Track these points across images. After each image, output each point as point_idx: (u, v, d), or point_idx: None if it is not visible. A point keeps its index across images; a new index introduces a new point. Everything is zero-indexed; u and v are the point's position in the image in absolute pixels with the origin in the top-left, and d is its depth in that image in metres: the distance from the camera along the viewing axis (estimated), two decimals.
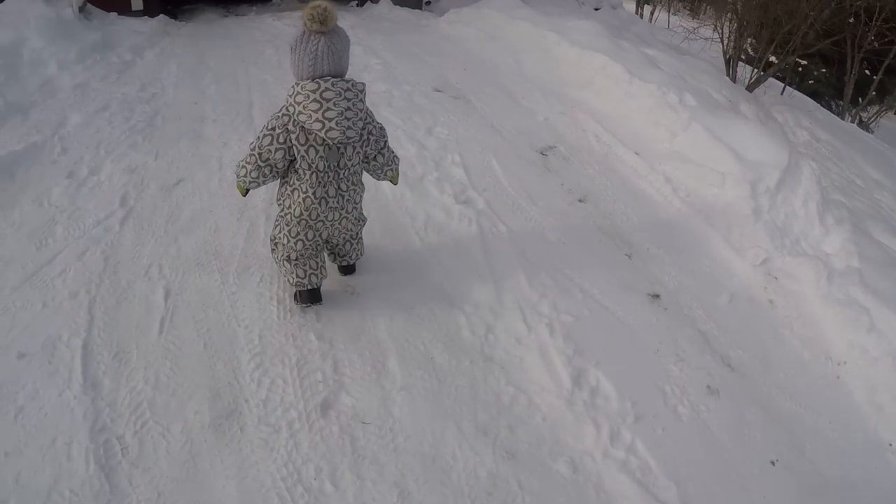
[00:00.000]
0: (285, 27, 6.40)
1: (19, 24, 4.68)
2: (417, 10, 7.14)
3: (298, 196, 2.08)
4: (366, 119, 2.04)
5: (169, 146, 3.61)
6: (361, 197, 2.26)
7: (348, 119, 1.91)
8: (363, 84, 2.00)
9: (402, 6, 7.17)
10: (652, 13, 14.43)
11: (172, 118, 4.01)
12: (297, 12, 6.95)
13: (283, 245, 2.21)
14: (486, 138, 3.82)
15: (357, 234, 2.40)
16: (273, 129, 1.96)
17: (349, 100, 1.91)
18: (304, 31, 1.89)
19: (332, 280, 2.49)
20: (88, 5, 5.82)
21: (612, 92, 4.22)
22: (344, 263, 2.50)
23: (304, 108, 1.89)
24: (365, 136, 2.08)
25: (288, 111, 1.94)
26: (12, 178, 3.24)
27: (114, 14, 5.93)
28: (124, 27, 5.69)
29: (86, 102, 4.16)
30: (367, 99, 2.04)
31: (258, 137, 2.00)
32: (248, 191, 2.17)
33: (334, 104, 1.88)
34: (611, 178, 3.50)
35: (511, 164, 3.51)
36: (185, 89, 4.55)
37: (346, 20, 6.55)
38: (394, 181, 2.36)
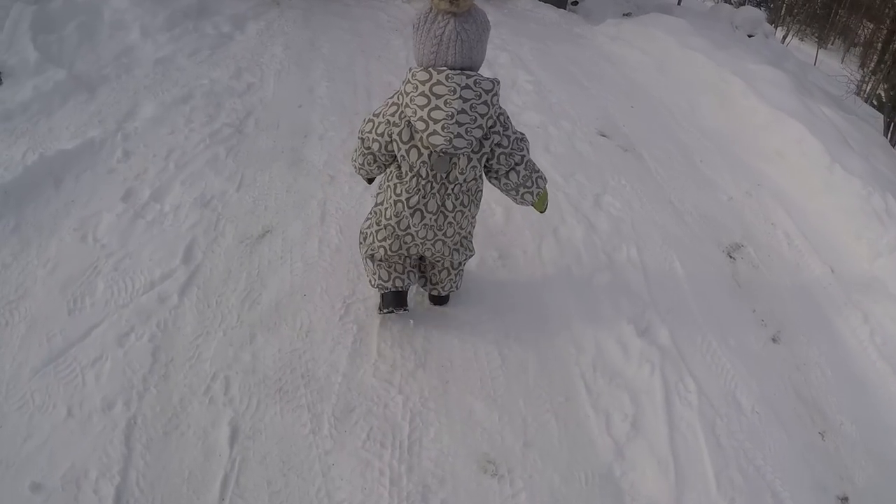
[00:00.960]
0: (415, 13, 5.48)
1: None
2: (564, 12, 6.19)
3: (391, 195, 1.83)
4: (491, 125, 1.68)
5: (258, 170, 2.85)
6: (472, 224, 1.96)
7: (460, 124, 1.60)
8: (493, 82, 1.64)
9: (546, 1, 6.21)
10: (784, 38, 13.19)
11: (268, 125, 3.25)
12: None
13: (369, 243, 1.99)
14: (666, 222, 2.94)
15: (457, 264, 2.08)
16: (378, 114, 1.74)
17: (466, 100, 1.59)
18: (431, 8, 1.61)
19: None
20: None
21: (807, 176, 3.37)
22: (434, 293, 2.17)
23: (411, 100, 1.62)
24: (488, 149, 1.72)
25: (398, 100, 1.68)
26: (58, 186, 2.58)
27: None
28: None
29: (165, 86, 3.47)
30: (502, 103, 1.72)
31: (364, 119, 1.78)
32: (370, 179, 1.97)
33: (445, 103, 1.59)
34: (804, 304, 2.69)
35: (697, 270, 2.67)
36: (288, 83, 3.78)
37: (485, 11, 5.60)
38: (539, 208, 1.94)
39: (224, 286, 2.18)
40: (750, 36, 6.96)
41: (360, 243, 2.05)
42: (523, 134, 1.80)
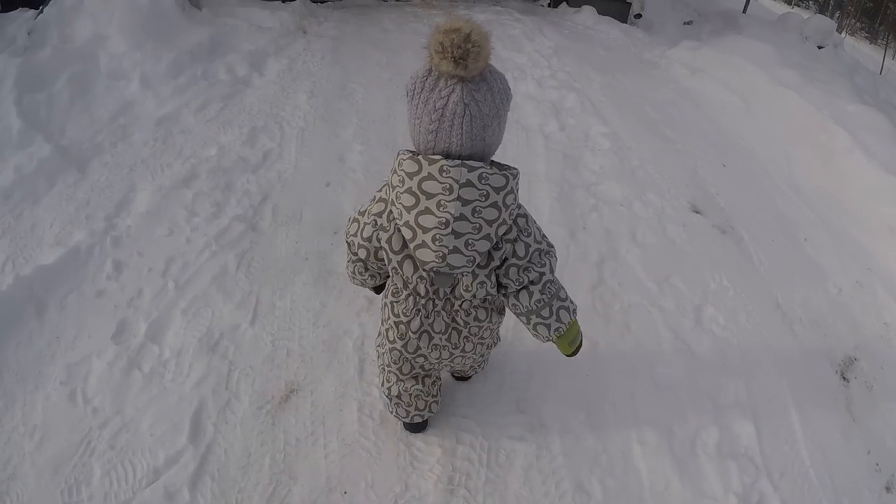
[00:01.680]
0: None
1: (101, 15, 3.48)
2: (628, 27, 5.61)
3: (390, 315, 1.55)
4: (504, 232, 1.32)
5: (277, 290, 2.38)
6: (495, 329, 1.63)
7: (458, 235, 1.25)
8: (507, 175, 1.25)
9: (605, 15, 5.59)
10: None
11: (288, 215, 2.78)
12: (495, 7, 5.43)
13: (381, 368, 1.73)
14: (775, 338, 2.44)
15: (483, 360, 1.85)
16: (364, 213, 1.42)
17: (468, 202, 1.22)
18: (431, 70, 1.21)
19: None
20: None
21: None
22: (457, 376, 2.01)
23: (397, 196, 1.27)
24: (498, 261, 1.36)
25: (385, 195, 1.35)
26: (40, 316, 2.19)
27: None
28: (245, 19, 4.48)
29: (165, 159, 3.03)
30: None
31: (350, 218, 1.49)
32: (377, 287, 1.68)
33: (438, 206, 1.22)
34: None
35: (811, 407, 2.20)
36: (314, 148, 3.30)
37: (542, 36, 5.02)
38: (564, 350, 1.53)
39: (244, 477, 1.73)
40: (820, 48, 6.38)
41: (377, 358, 1.78)
42: (551, 246, 1.43)
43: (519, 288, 1.40)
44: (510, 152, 3.28)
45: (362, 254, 1.44)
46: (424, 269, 1.35)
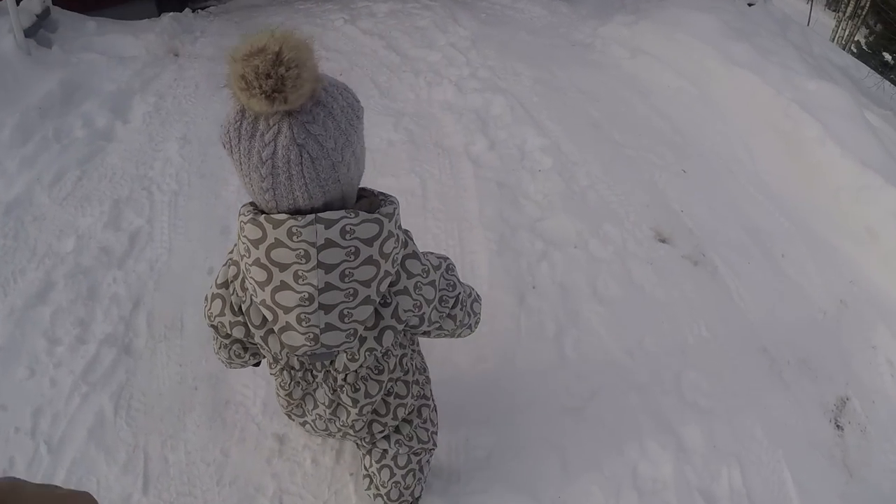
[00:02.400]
0: (368, 40, 4.34)
1: None
2: (548, 1, 5.09)
3: (273, 381, 1.41)
4: (387, 287, 1.10)
5: (166, 438, 1.91)
6: (410, 390, 1.40)
7: (329, 309, 1.05)
8: (378, 220, 1.03)
9: None
10: None
11: (166, 325, 2.29)
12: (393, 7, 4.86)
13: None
14: (766, 395, 2.15)
15: (402, 459, 1.46)
16: (224, 283, 1.17)
17: (333, 267, 1.01)
18: (243, 110, 0.96)
19: None
20: (52, 13, 3.87)
21: None
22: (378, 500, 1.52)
23: (247, 268, 1.05)
24: (392, 320, 1.15)
25: (237, 257, 1.13)
26: None
27: (91, 24, 3.96)
28: (104, 51, 3.85)
29: (16, 264, 2.49)
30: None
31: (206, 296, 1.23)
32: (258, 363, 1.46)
33: (296, 278, 1.02)
34: None
35: (808, 478, 1.94)
36: (192, 220, 2.78)
37: (456, 24, 4.66)
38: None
39: None
40: (750, 4, 6.24)
41: None
42: (445, 258, 1.30)
43: (440, 323, 1.28)
44: (431, 188, 2.82)
45: (238, 332, 1.19)
46: (297, 355, 1.21)
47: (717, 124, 3.44)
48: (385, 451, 1.46)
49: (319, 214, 0.97)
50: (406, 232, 1.15)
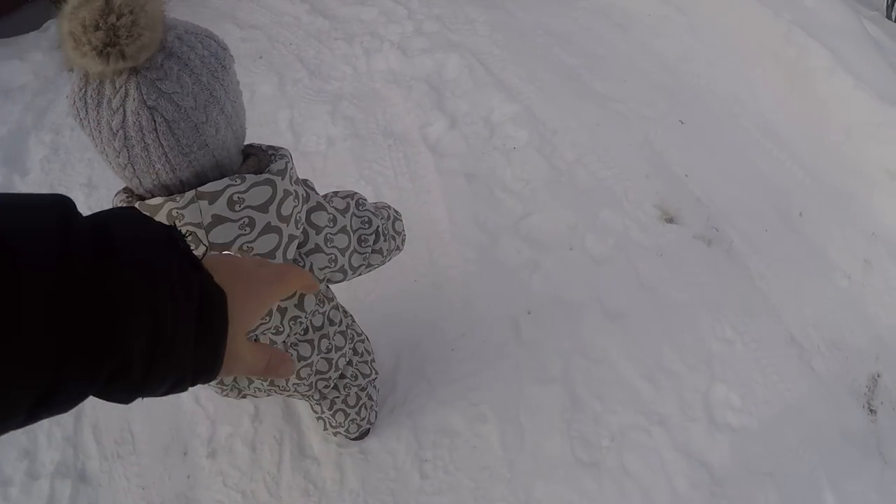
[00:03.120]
0: (288, 6, 3.79)
1: None
2: None
3: None
4: (297, 248, 1.02)
5: None
6: (346, 338, 1.37)
7: None
8: (273, 180, 0.91)
9: None
10: None
11: (116, 441, 1.96)
12: None
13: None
14: (798, 395, 1.94)
15: (350, 400, 1.56)
16: None
17: (229, 244, 0.92)
18: (85, 75, 0.82)
19: None
20: None
21: None
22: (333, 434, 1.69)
23: None
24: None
25: None
26: None
27: None
28: None
29: None
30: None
31: None
32: None
33: None
34: None
35: (844, 479, 1.79)
36: None
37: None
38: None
39: None
40: None
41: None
42: (353, 193, 1.20)
43: (369, 261, 1.22)
44: (387, 196, 2.40)
45: None
46: None
47: (711, 57, 3.01)
48: (335, 398, 1.52)
49: (199, 189, 0.85)
50: (305, 182, 1.05)
